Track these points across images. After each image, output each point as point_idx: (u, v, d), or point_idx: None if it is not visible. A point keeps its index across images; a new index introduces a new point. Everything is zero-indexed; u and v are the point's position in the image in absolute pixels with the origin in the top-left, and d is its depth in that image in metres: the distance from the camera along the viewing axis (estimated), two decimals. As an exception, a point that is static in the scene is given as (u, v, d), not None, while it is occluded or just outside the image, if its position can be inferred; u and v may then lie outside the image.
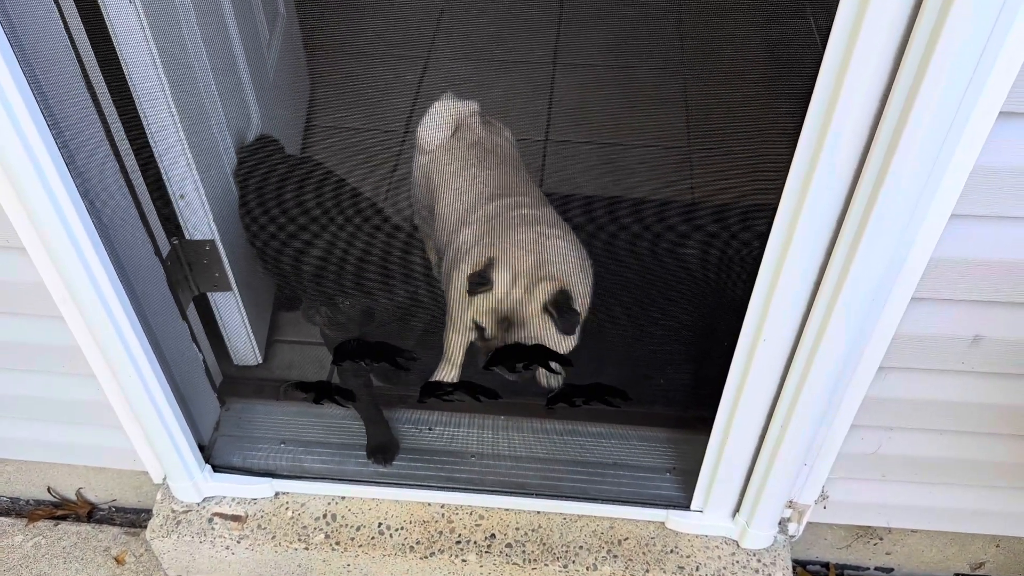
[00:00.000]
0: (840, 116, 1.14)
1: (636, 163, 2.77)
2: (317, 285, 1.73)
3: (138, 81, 1.57)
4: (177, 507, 1.98)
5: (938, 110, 1.10)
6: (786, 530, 1.93)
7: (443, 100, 2.17)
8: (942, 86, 1.07)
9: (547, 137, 2.85)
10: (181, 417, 1.83)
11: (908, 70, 1.07)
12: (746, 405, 1.61)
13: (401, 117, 2.77)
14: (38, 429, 1.99)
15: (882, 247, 1.26)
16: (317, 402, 1.95)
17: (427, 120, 2.15)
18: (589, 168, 2.77)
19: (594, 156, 2.82)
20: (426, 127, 2.14)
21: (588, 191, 2.71)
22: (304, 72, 2.71)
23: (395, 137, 2.74)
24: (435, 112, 2.15)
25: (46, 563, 2.11)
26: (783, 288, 1.38)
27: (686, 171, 2.73)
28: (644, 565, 1.88)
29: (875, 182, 1.18)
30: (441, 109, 2.14)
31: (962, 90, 1.08)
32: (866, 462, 1.77)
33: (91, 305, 1.54)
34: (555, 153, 2.81)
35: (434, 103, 2.17)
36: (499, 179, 2.06)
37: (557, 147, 2.83)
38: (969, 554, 2.07)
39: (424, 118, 2.16)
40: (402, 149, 2.72)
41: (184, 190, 1.78)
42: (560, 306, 1.73)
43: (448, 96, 2.18)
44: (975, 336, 1.50)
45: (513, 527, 1.94)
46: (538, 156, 2.77)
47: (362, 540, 1.92)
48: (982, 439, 1.71)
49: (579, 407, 1.84)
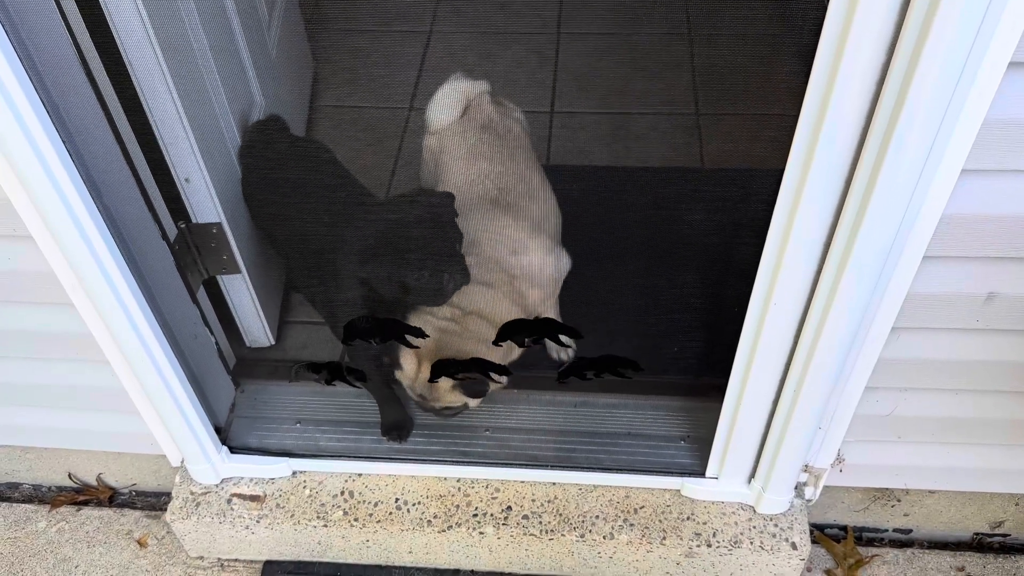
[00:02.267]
0: (846, 68, 1.11)
1: (644, 130, 2.74)
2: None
3: (137, 63, 1.56)
4: (196, 489, 2.00)
5: (945, 62, 1.07)
6: (803, 494, 1.92)
7: (452, 80, 2.14)
8: (949, 37, 1.05)
9: (553, 109, 2.83)
10: (196, 400, 1.84)
11: (913, 22, 1.05)
12: (758, 370, 1.60)
13: (406, 93, 2.76)
14: (56, 416, 2.01)
15: (893, 204, 1.24)
16: (329, 383, 1.95)
17: (436, 100, 2.12)
18: (597, 138, 2.74)
19: (601, 125, 2.79)
20: (435, 108, 2.11)
21: (596, 161, 2.69)
22: (306, 51, 2.69)
23: (400, 114, 2.73)
24: (444, 92, 2.12)
25: (70, 547, 2.14)
26: (793, 250, 1.36)
27: (694, 136, 2.71)
28: (661, 532, 1.89)
29: (883, 137, 1.16)
30: (450, 90, 2.12)
31: (970, 41, 1.06)
32: (882, 424, 1.76)
33: (100, 292, 1.54)
34: (562, 124, 2.78)
35: (443, 83, 2.15)
36: (503, 173, 2.04)
37: (564, 118, 2.80)
38: (988, 513, 2.06)
39: (433, 98, 2.14)
40: (407, 126, 2.71)
41: (189, 173, 1.78)
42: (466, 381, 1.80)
43: (458, 76, 2.15)
44: (989, 293, 1.48)
45: (529, 499, 1.95)
46: (545, 127, 2.75)
47: (380, 516, 1.93)
48: (998, 397, 1.69)
49: (590, 380, 1.83)
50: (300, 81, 2.62)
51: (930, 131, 1.15)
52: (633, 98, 2.77)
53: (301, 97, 2.60)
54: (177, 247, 1.81)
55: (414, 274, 1.74)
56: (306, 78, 2.68)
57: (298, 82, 2.59)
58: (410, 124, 2.68)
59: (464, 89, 2.13)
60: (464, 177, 2.03)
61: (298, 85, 2.59)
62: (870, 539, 2.14)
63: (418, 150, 2.43)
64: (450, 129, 2.10)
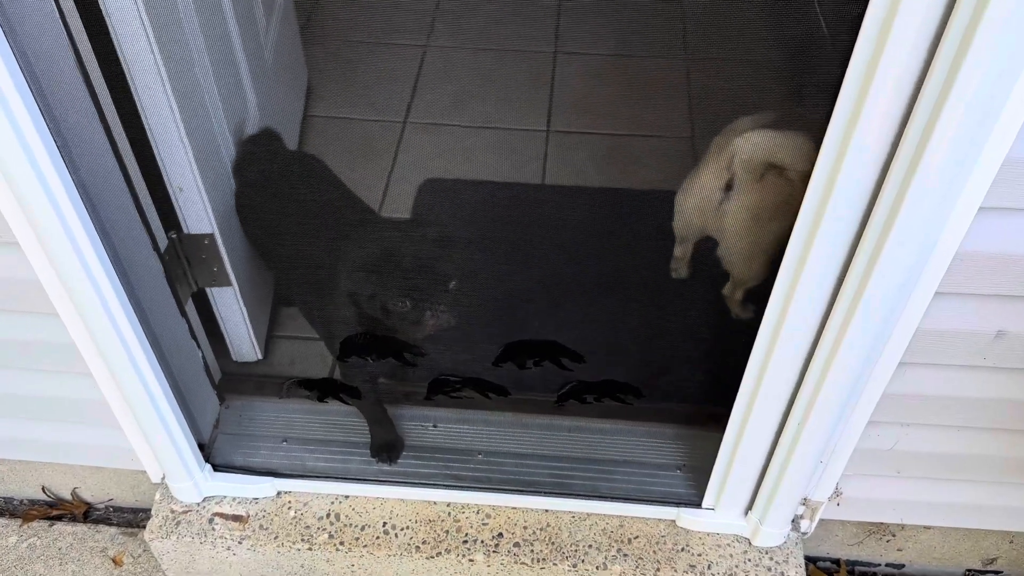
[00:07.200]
0: (875, 92, 1.09)
1: (641, 153, 2.72)
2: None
3: (134, 66, 1.51)
4: (176, 507, 1.93)
5: (973, 101, 1.06)
6: (799, 527, 1.89)
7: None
8: (976, 81, 1.03)
9: (549, 127, 2.80)
10: (180, 415, 1.78)
11: (941, 64, 1.03)
12: (763, 402, 1.57)
13: (400, 107, 2.73)
14: (32, 428, 1.93)
15: (912, 240, 1.21)
16: (321, 400, 1.90)
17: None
18: (594, 158, 2.72)
19: (598, 146, 2.77)
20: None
21: (593, 182, 2.66)
22: (301, 61, 2.65)
23: (394, 127, 2.70)
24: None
25: (41, 564, 2.06)
26: (805, 282, 1.34)
27: (690, 161, 2.69)
28: (655, 564, 1.85)
29: (907, 169, 1.14)
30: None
31: (996, 81, 1.04)
32: (882, 458, 1.74)
33: (88, 301, 1.48)
34: (558, 143, 2.76)
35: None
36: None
37: (560, 137, 2.78)
38: (982, 550, 2.04)
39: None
40: (401, 139, 2.67)
41: (183, 182, 1.73)
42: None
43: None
44: (998, 331, 1.46)
45: (521, 526, 1.90)
46: (541, 145, 2.72)
47: (367, 540, 1.88)
48: (1000, 435, 1.68)
49: (590, 404, 1.79)
50: (294, 91, 2.58)
51: (953, 168, 1.14)
52: (628, 121, 2.75)
53: (295, 108, 2.55)
54: (167, 257, 1.76)
55: (397, 300, 1.69)
56: (300, 88, 2.63)
57: (292, 92, 2.55)
58: (404, 138, 2.66)
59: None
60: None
61: (292, 95, 2.55)
62: (863, 573, 2.12)
63: (409, 164, 2.40)
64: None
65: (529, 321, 2.04)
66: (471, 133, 2.70)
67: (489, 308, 1.89)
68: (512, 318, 2.02)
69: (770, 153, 1.61)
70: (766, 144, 1.63)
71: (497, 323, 1.97)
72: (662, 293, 2.01)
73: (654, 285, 2.03)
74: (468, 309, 1.70)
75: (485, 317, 1.89)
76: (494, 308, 1.93)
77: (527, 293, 2.07)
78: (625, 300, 2.04)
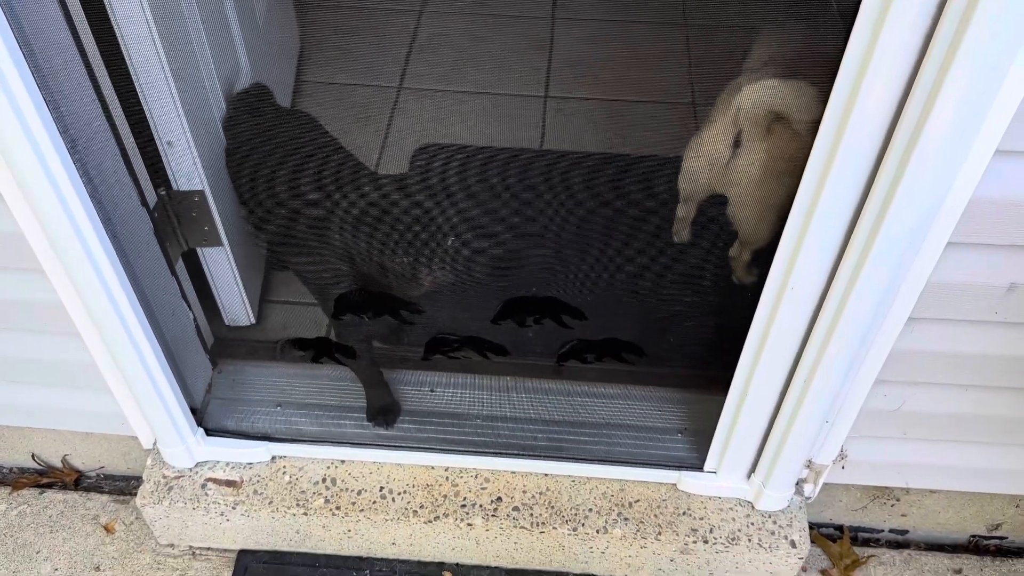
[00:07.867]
0: (888, 35, 1.05)
1: (642, 118, 2.67)
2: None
3: (119, 10, 1.45)
4: (168, 473, 1.89)
5: (991, 35, 1.01)
6: (802, 491, 1.86)
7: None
8: (998, 7, 0.99)
9: (547, 93, 2.75)
10: (172, 378, 1.74)
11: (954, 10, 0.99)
12: (768, 359, 1.53)
13: (395, 72, 2.67)
14: (20, 392, 1.89)
15: (925, 184, 1.17)
16: (316, 360, 1.85)
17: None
18: (593, 124, 2.67)
19: (597, 112, 2.72)
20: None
21: (592, 148, 2.61)
22: (293, 25, 2.59)
23: (389, 92, 2.65)
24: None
25: (32, 532, 2.02)
26: (815, 229, 1.29)
27: (692, 125, 2.64)
28: (656, 527, 1.82)
29: (922, 109, 1.10)
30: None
31: (1013, 23, 1.00)
32: (888, 419, 1.70)
33: (76, 258, 1.43)
34: (556, 109, 2.71)
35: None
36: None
37: (559, 103, 2.73)
38: (987, 515, 2.01)
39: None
40: (396, 105, 2.62)
41: (172, 136, 1.67)
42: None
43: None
44: (1011, 284, 1.42)
45: (520, 490, 1.87)
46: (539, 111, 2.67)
47: (363, 504, 1.84)
48: (1008, 394, 1.65)
49: (590, 364, 1.75)
50: (287, 55, 2.52)
51: (969, 105, 1.09)
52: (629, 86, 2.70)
53: (287, 70, 2.49)
54: (157, 215, 1.71)
55: (394, 256, 1.65)
56: (292, 51, 2.58)
57: (284, 53, 2.49)
58: (399, 104, 2.61)
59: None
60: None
61: (285, 59, 2.49)
62: (866, 539, 2.09)
63: (405, 129, 2.34)
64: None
65: (529, 280, 1.99)
66: (468, 98, 2.65)
67: (488, 265, 1.84)
68: (511, 276, 1.98)
69: (776, 103, 1.56)
70: (771, 94, 1.59)
71: (496, 281, 1.92)
72: (663, 256, 1.97)
73: (655, 249, 1.98)
74: (466, 266, 1.65)
75: (484, 274, 1.85)
76: (493, 265, 1.88)
77: (527, 251, 2.03)
78: (624, 261, 2.00)
